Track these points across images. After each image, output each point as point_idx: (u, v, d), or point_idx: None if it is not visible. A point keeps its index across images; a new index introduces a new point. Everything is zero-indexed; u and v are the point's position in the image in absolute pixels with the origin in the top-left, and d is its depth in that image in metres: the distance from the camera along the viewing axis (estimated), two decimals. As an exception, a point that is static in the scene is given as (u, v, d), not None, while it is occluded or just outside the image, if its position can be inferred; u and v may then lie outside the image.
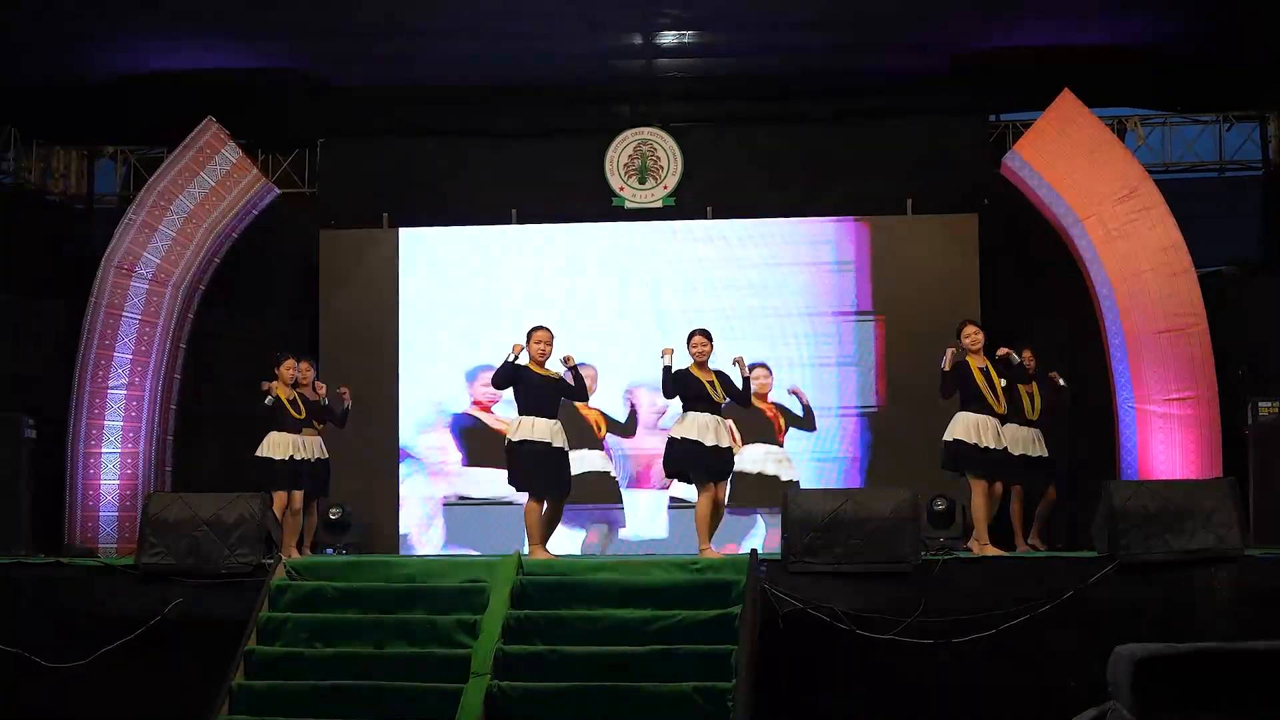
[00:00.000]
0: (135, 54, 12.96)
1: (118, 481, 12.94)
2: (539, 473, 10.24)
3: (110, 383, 12.97)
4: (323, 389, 11.90)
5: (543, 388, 10.33)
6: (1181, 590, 9.38)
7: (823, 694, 9.30)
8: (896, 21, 12.40)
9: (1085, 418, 13.23)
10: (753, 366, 10.93)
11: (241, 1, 11.94)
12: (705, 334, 10.48)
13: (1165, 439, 12.30)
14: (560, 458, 10.31)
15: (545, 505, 10.33)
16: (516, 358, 10.31)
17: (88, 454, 12.95)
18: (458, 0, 12.08)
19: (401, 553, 13.46)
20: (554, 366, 10.50)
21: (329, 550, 12.86)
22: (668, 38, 12.96)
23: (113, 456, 12.97)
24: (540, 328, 10.50)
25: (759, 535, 12.94)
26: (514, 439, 10.31)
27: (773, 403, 12.95)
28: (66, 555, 11.83)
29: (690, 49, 13.26)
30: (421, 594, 9.41)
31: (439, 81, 13.73)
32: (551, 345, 10.44)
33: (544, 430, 10.23)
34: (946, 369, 10.59)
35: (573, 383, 10.49)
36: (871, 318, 13.72)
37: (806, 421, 13.18)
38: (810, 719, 9.26)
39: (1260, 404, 11.82)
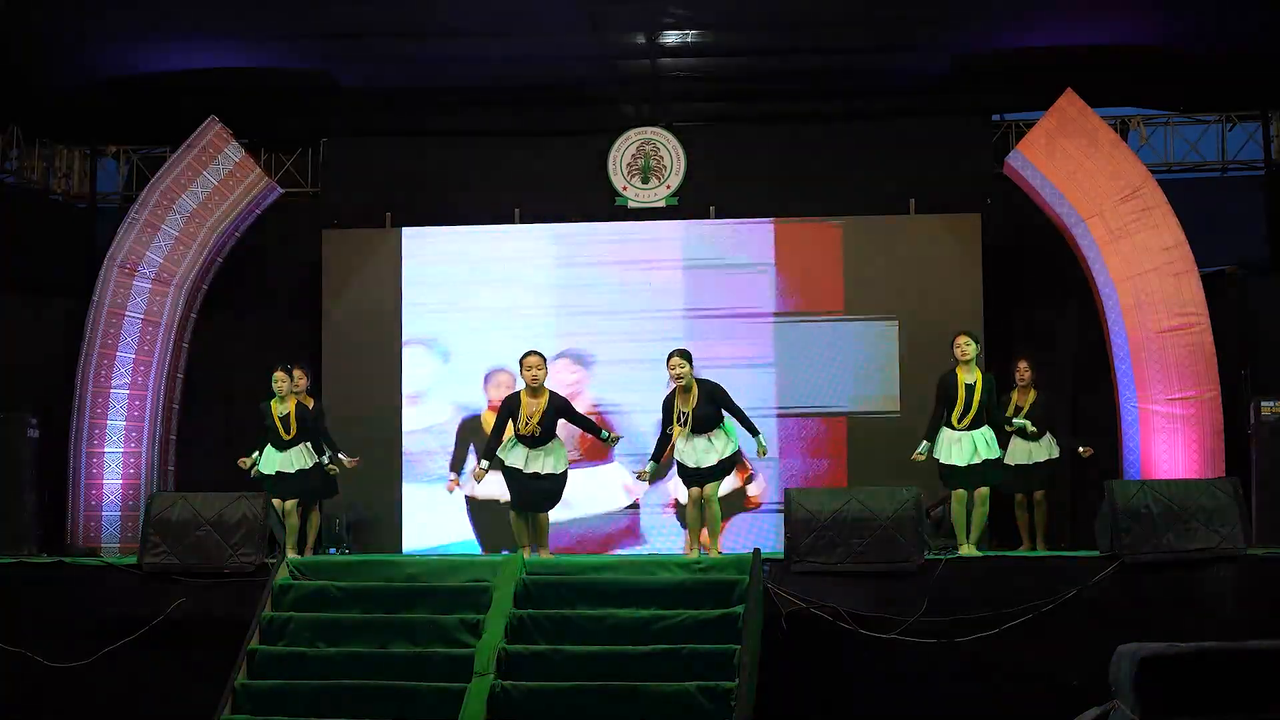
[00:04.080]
0: (138, 53, 12.95)
1: (120, 481, 12.94)
2: (517, 492, 10.38)
3: (113, 382, 12.97)
4: (311, 401, 11.88)
5: (519, 431, 10.33)
6: (1184, 590, 9.39)
7: (825, 693, 9.31)
8: (899, 21, 12.39)
9: (1088, 418, 13.24)
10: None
11: (245, 1, 11.94)
12: (682, 354, 10.31)
13: (1168, 439, 12.29)
14: (529, 481, 10.29)
15: (531, 517, 10.44)
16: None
17: (90, 454, 12.94)
18: (461, 0, 12.07)
19: (404, 552, 13.46)
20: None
21: (332, 550, 12.88)
22: (671, 37, 12.95)
23: (115, 456, 12.97)
24: (532, 353, 10.45)
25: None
26: (501, 457, 10.44)
27: None
28: (69, 555, 11.86)
29: (693, 49, 13.25)
30: (425, 593, 9.43)
31: (442, 81, 13.72)
32: (544, 369, 10.40)
33: (519, 457, 10.29)
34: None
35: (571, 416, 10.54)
36: (874, 318, 13.72)
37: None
38: (813, 718, 9.27)
39: (1263, 404, 11.81)
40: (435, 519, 13.83)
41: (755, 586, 9.04)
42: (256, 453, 11.38)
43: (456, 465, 13.72)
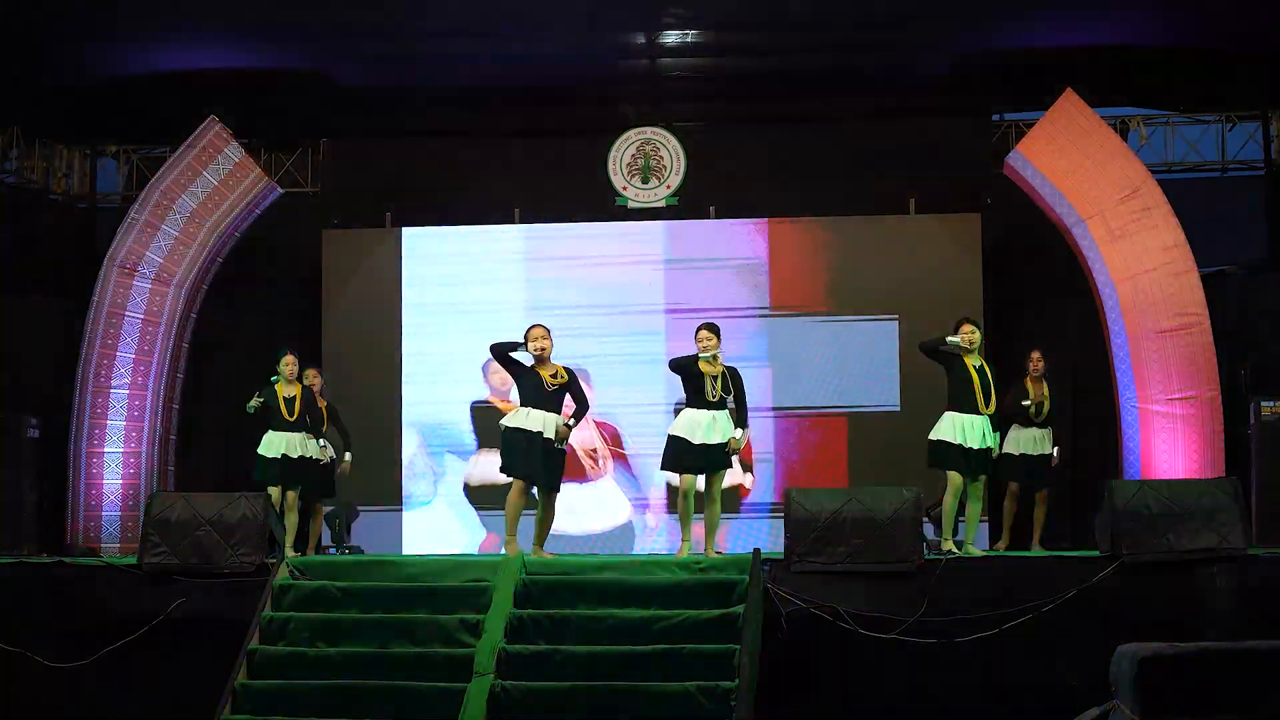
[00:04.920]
0: (138, 53, 12.96)
1: (120, 481, 12.94)
2: (526, 457, 10.10)
3: (113, 382, 12.98)
4: (324, 403, 11.89)
5: (542, 385, 10.28)
6: (1184, 590, 9.38)
7: (825, 693, 9.30)
8: (899, 21, 12.39)
9: (1088, 417, 13.24)
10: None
11: (245, 1, 11.94)
12: (711, 328, 10.39)
13: (1168, 438, 12.30)
14: (550, 449, 10.17)
15: (539, 499, 10.29)
16: (524, 351, 10.29)
17: (90, 454, 12.94)
18: (461, 0, 12.08)
19: (404, 552, 13.46)
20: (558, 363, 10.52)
21: (332, 550, 12.88)
22: (671, 37, 12.96)
23: (115, 456, 12.98)
24: (535, 325, 10.47)
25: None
26: (508, 424, 10.22)
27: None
28: (69, 555, 11.85)
29: (693, 48, 13.26)
30: (425, 593, 9.41)
31: (442, 81, 13.73)
32: (549, 340, 10.39)
33: (538, 420, 10.18)
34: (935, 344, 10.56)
35: (576, 390, 10.45)
36: (874, 317, 13.73)
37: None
38: (813, 719, 9.26)
39: (1263, 403, 11.82)
40: (434, 519, 13.88)
41: (755, 586, 9.03)
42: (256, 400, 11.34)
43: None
